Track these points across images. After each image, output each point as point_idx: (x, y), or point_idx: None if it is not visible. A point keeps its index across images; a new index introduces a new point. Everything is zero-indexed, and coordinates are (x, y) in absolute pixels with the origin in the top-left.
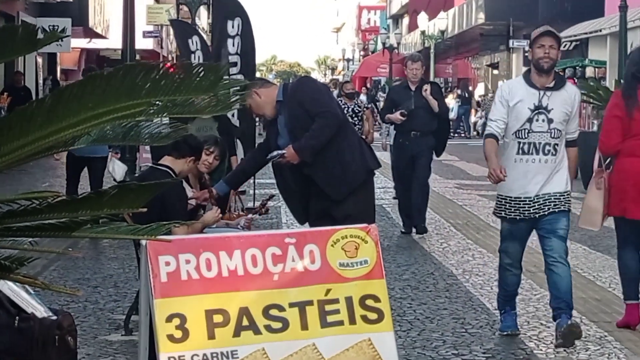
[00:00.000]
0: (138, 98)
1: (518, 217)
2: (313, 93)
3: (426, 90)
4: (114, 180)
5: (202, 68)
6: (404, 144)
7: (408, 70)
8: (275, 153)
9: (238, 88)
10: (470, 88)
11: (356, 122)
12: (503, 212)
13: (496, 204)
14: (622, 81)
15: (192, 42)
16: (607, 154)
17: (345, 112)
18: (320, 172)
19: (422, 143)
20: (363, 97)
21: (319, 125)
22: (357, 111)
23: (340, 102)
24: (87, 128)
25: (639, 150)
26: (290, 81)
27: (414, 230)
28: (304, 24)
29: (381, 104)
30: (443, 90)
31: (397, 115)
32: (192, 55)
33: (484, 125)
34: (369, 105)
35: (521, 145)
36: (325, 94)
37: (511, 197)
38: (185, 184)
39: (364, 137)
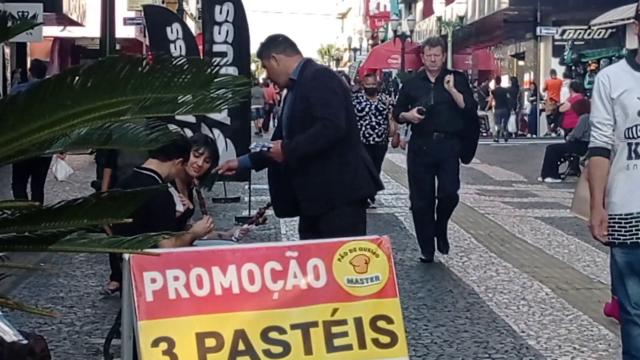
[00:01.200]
0: (122, 95)
1: None
2: (324, 93)
3: (449, 81)
4: (56, 179)
5: (194, 63)
6: (422, 148)
7: (425, 57)
8: (258, 144)
9: (235, 84)
10: (490, 84)
11: (381, 122)
12: (619, 238)
13: (609, 227)
14: None
15: (172, 30)
16: None
17: (368, 110)
18: (300, 180)
19: (446, 147)
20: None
21: (316, 132)
22: (381, 109)
23: (360, 99)
24: (65, 129)
25: None
26: (312, 62)
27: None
28: (304, 9)
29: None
30: None
31: (413, 113)
32: (172, 45)
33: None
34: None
35: (633, 147)
36: (338, 99)
37: (631, 215)
38: (172, 190)
39: (389, 138)
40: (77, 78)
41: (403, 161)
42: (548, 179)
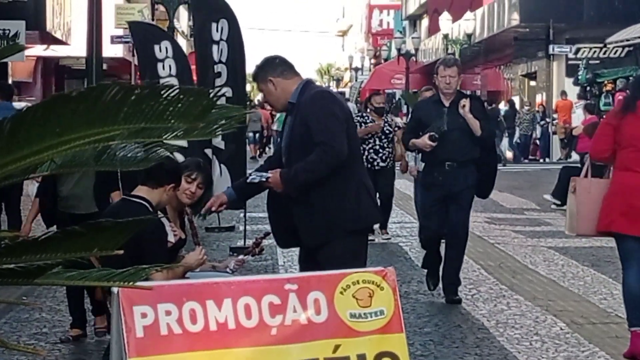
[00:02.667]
0: (114, 124)
1: None
2: (324, 116)
3: (464, 106)
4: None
5: (190, 93)
6: (434, 178)
7: (440, 78)
8: (256, 175)
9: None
10: (500, 105)
11: (385, 145)
12: None
13: None
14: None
15: (160, 48)
16: (596, 159)
17: (374, 132)
18: (300, 209)
19: (460, 178)
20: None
21: (316, 159)
22: (387, 132)
23: (366, 119)
24: (52, 154)
25: (630, 163)
26: (312, 84)
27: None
28: (302, 26)
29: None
30: None
31: (424, 140)
32: (160, 65)
33: (521, 145)
34: (402, 125)
35: None
36: (339, 123)
37: None
38: (163, 219)
39: (395, 162)
40: (66, 105)
41: (407, 188)
42: (554, 205)
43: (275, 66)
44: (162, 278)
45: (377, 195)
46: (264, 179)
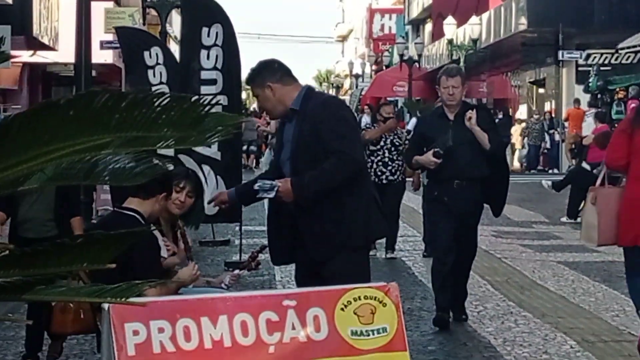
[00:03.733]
0: (104, 132)
1: None
2: (337, 124)
3: (470, 118)
4: None
5: (185, 100)
6: (440, 198)
7: (442, 89)
8: (265, 183)
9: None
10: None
11: (395, 158)
12: None
13: None
14: None
15: (151, 54)
16: (611, 167)
17: (382, 144)
18: (308, 220)
19: (468, 198)
20: (366, 118)
21: (332, 167)
22: (397, 144)
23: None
24: (39, 164)
25: None
26: (315, 90)
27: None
28: (300, 31)
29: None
30: None
31: (429, 157)
32: (151, 72)
33: (530, 155)
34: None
35: None
36: (353, 130)
37: None
38: (156, 232)
39: (408, 178)
40: (55, 113)
41: (410, 200)
42: (568, 219)
43: (274, 71)
44: (154, 294)
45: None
46: (273, 188)
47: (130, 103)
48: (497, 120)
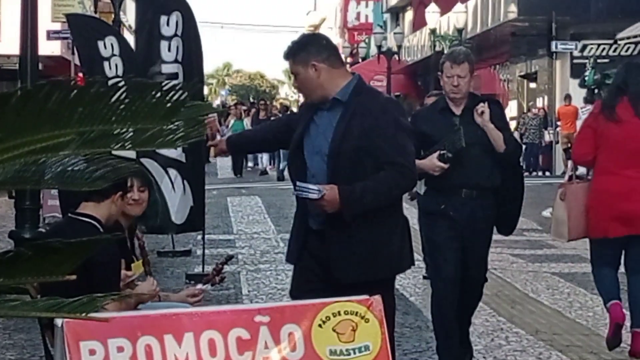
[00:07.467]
0: (66, 127)
1: None
2: (398, 133)
3: (482, 112)
4: None
5: (158, 88)
6: (445, 212)
7: (445, 78)
8: (308, 187)
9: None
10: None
11: None
12: None
13: None
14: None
15: (105, 44)
16: (578, 163)
17: None
18: (338, 237)
19: (478, 211)
20: None
21: (390, 181)
22: None
23: None
24: None
25: (612, 167)
26: (366, 83)
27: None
28: (267, 21)
29: None
30: None
31: (433, 161)
32: (106, 63)
33: (528, 155)
34: None
35: None
36: (411, 141)
37: None
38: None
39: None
40: (10, 106)
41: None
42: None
43: (321, 49)
44: (114, 309)
45: None
46: (316, 194)
47: (95, 94)
48: None
